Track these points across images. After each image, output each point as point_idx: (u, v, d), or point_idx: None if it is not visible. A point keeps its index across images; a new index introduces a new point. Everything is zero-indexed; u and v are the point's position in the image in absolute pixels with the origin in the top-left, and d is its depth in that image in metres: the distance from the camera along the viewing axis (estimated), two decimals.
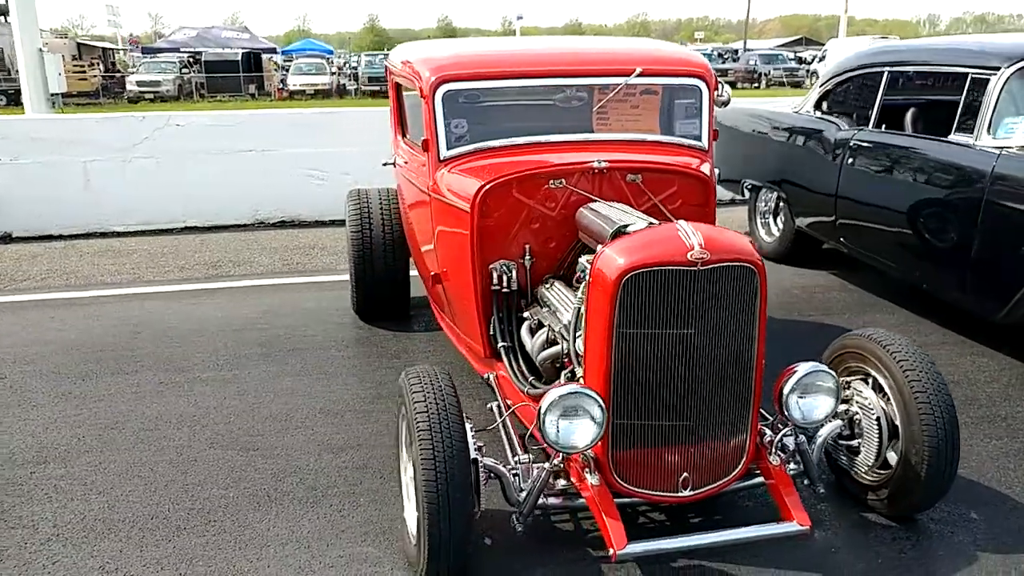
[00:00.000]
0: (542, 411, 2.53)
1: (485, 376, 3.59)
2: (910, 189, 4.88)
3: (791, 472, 2.79)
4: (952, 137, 4.66)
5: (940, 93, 5.47)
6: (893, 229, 5.03)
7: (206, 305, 5.78)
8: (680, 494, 2.75)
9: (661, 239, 2.60)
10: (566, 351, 3.08)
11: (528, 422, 2.98)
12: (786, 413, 2.73)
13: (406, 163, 4.32)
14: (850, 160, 5.38)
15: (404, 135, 4.39)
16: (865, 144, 5.29)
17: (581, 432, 2.54)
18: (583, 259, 3.30)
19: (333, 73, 37.84)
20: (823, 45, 54.24)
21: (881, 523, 2.98)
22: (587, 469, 2.68)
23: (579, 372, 2.88)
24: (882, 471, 2.94)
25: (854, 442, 3.00)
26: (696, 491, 2.75)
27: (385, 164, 4.50)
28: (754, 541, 2.63)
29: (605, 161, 3.47)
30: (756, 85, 35.22)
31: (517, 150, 3.68)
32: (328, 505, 3.19)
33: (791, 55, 40.96)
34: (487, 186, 3.38)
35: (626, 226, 2.82)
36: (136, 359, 4.76)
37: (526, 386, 3.25)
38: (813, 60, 35.92)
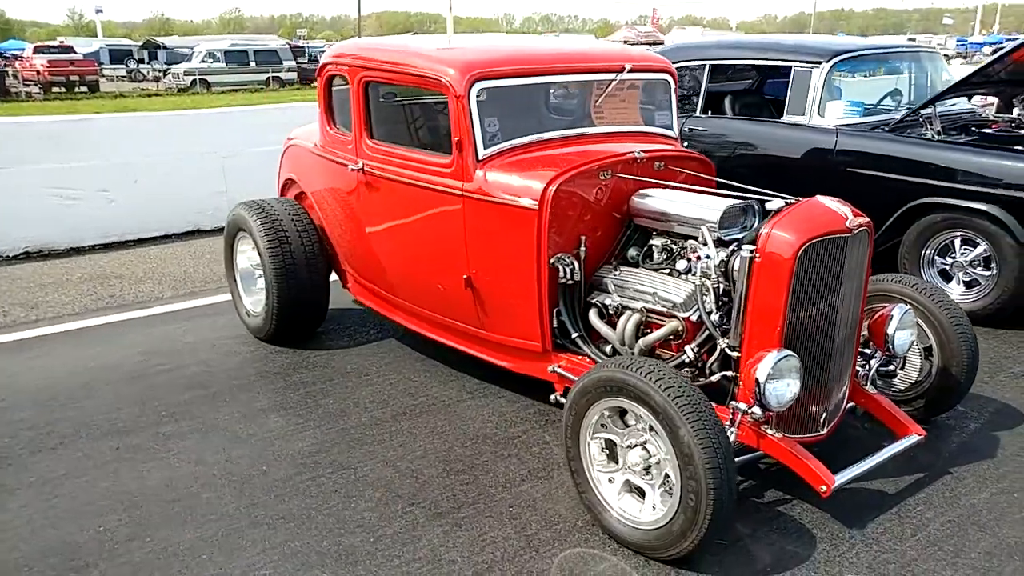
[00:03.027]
0: (761, 381, 2.79)
1: (550, 368, 3.64)
2: (757, 163, 5.81)
3: None
4: (786, 119, 5.67)
5: (757, 82, 6.54)
6: None
7: (51, 357, 4.79)
8: (820, 433, 3.19)
9: (821, 212, 3.00)
10: (677, 329, 3.32)
11: None
12: (890, 347, 3.30)
13: (379, 165, 4.09)
14: (686, 144, 6.18)
15: (372, 136, 4.13)
16: (700, 129, 6.13)
17: (791, 390, 2.85)
18: (658, 241, 3.57)
19: None
20: None
21: None
22: (765, 425, 2.99)
23: (721, 343, 3.15)
24: (915, 385, 3.66)
25: (890, 367, 3.68)
26: (828, 427, 3.22)
27: (353, 169, 4.17)
28: (898, 454, 3.16)
29: (643, 152, 3.73)
30: None
31: (548, 145, 3.78)
32: (487, 524, 3.06)
33: None
34: (557, 182, 3.44)
35: (763, 203, 3.15)
36: (43, 430, 3.86)
37: None
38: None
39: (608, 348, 3.61)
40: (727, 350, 3.14)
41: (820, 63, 5.53)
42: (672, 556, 2.76)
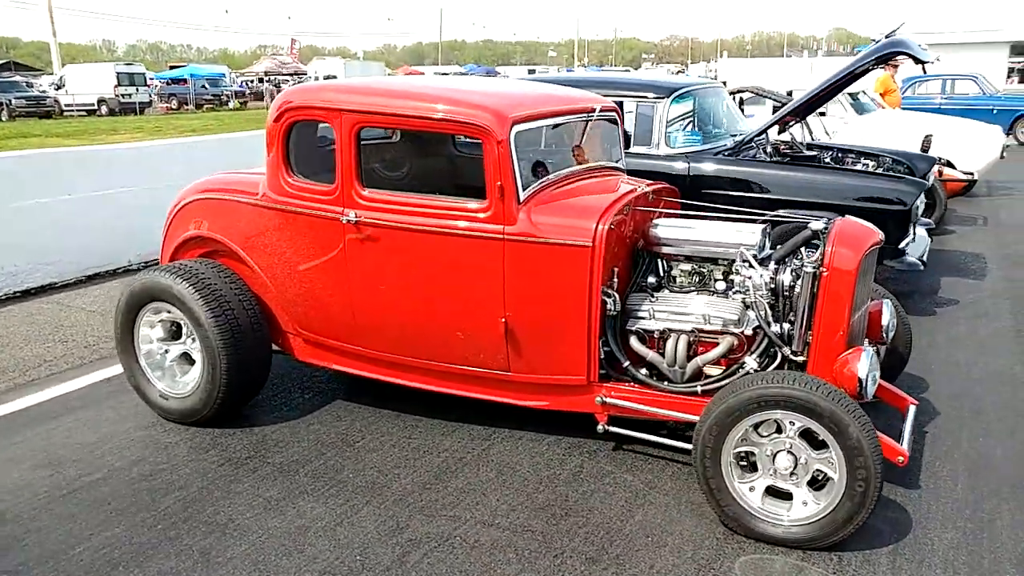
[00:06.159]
0: (863, 377, 3.24)
1: (598, 399, 3.75)
2: None
3: None
4: (634, 149, 6.27)
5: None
6: None
7: None
8: None
9: (859, 228, 3.57)
10: (732, 345, 3.65)
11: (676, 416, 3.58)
12: (884, 336, 3.94)
13: (381, 216, 3.82)
14: None
15: (364, 185, 3.82)
16: None
17: (878, 381, 3.35)
18: (685, 267, 3.87)
19: None
20: (39, 70, 50.77)
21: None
22: None
23: (785, 351, 3.54)
24: None
25: None
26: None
27: (347, 221, 3.78)
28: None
29: (646, 186, 4.01)
30: None
31: (561, 182, 3.89)
32: (646, 558, 3.11)
33: (27, 81, 37.09)
34: (606, 219, 3.58)
35: (804, 225, 3.60)
36: (59, 558, 3.03)
37: (681, 388, 3.65)
38: None
39: (643, 372, 3.80)
40: (791, 356, 3.55)
41: (663, 98, 6.22)
42: (835, 541, 3.09)
